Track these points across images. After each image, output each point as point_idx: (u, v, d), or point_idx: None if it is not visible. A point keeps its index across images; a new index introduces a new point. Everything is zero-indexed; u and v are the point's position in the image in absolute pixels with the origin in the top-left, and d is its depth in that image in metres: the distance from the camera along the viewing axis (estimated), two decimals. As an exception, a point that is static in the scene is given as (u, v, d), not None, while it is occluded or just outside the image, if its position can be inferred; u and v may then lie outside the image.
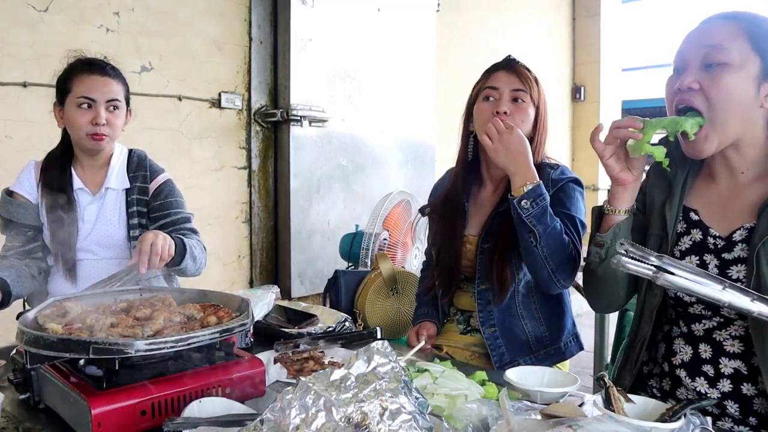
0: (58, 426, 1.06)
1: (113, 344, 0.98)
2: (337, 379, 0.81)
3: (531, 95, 1.64)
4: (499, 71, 1.67)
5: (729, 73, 1.14)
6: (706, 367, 1.23)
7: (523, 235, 1.50)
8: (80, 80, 1.76)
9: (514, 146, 1.50)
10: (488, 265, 1.65)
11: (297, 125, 3.35)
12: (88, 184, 1.86)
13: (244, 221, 3.40)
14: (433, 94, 4.17)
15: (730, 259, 1.20)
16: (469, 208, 1.76)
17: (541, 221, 1.47)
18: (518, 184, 1.49)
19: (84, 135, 1.77)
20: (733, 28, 1.15)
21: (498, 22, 5.20)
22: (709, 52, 1.15)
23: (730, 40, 1.14)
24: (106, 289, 1.45)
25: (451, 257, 1.72)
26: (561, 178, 1.64)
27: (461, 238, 1.72)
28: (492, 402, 1.03)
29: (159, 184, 1.92)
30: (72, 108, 1.76)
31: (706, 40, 1.17)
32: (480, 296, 1.67)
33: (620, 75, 6.79)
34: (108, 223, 1.85)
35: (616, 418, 0.95)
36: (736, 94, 1.14)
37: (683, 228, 1.29)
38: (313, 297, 3.45)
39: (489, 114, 1.62)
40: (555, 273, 1.50)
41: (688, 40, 1.21)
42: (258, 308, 1.65)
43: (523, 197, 1.47)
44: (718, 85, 1.14)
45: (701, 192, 1.30)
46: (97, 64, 1.79)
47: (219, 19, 3.21)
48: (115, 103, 1.78)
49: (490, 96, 1.65)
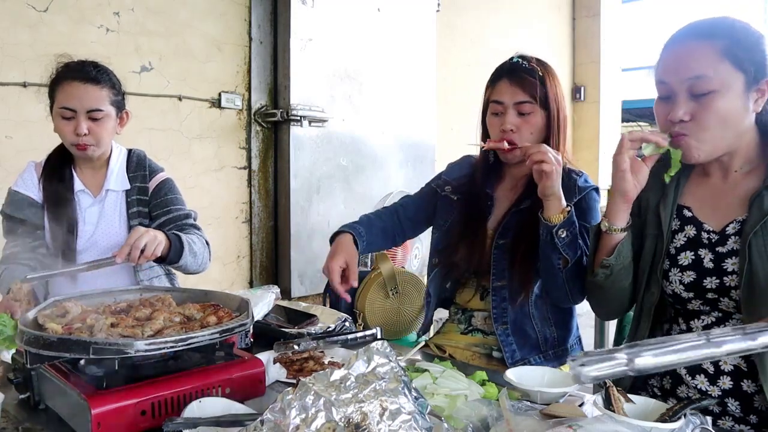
0: (58, 426, 1.06)
1: (113, 344, 0.98)
2: (337, 379, 0.81)
3: (539, 100, 1.60)
4: (502, 80, 1.63)
5: (718, 99, 1.15)
6: (706, 364, 1.24)
7: (551, 258, 1.51)
8: (62, 88, 1.73)
9: (561, 172, 1.46)
10: (506, 263, 1.63)
11: (297, 125, 3.35)
12: (88, 186, 1.86)
13: (244, 221, 3.40)
14: (433, 94, 4.17)
15: (724, 252, 1.22)
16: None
17: (573, 248, 1.49)
18: (556, 209, 1.47)
19: (69, 145, 1.77)
20: (713, 51, 1.15)
21: (498, 22, 5.19)
22: (695, 83, 1.16)
23: (712, 67, 1.15)
24: (81, 268, 1.63)
25: (470, 249, 1.68)
26: (586, 186, 1.64)
27: (483, 232, 1.69)
28: (492, 402, 1.03)
29: (158, 182, 1.91)
30: (57, 117, 1.75)
31: (688, 71, 1.17)
32: (495, 293, 1.65)
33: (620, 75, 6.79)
34: (109, 225, 1.84)
35: (616, 418, 0.95)
36: (728, 115, 1.16)
37: (677, 225, 1.31)
38: (313, 297, 3.45)
39: (497, 130, 1.62)
40: (571, 292, 1.54)
41: (668, 69, 1.21)
42: (258, 308, 1.64)
43: (560, 226, 1.47)
44: (709, 112, 1.16)
45: (694, 189, 1.32)
46: (79, 70, 1.74)
47: (219, 19, 3.21)
48: (96, 114, 1.73)
49: (496, 111, 1.64)
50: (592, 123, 6.39)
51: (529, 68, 1.63)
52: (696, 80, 1.16)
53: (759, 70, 1.16)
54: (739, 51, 1.15)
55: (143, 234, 1.60)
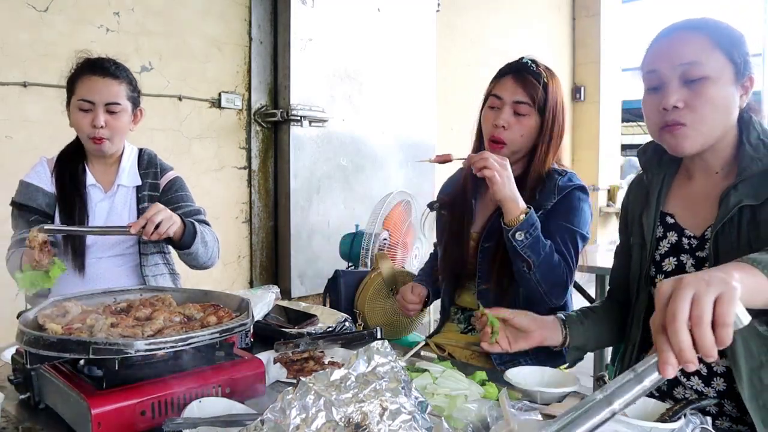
0: (58, 426, 1.06)
1: (113, 344, 0.98)
2: (337, 379, 0.81)
3: (536, 103, 1.61)
4: (506, 77, 1.65)
5: (711, 86, 1.16)
6: (699, 365, 1.24)
7: (516, 263, 1.52)
8: (81, 82, 1.77)
9: (510, 176, 1.49)
10: (489, 266, 1.65)
11: (297, 125, 3.35)
12: (100, 181, 1.89)
13: (244, 221, 3.40)
14: (433, 94, 4.17)
15: (703, 257, 1.23)
16: (476, 206, 1.76)
17: (535, 250, 1.48)
18: (513, 213, 1.48)
19: (85, 137, 1.81)
20: (705, 40, 1.17)
21: (498, 22, 5.20)
22: (688, 69, 1.17)
23: (706, 53, 1.16)
24: (94, 230, 1.78)
25: (456, 253, 1.74)
26: (567, 185, 1.63)
27: (467, 235, 1.73)
28: (492, 402, 1.03)
29: (169, 180, 1.96)
30: (74, 110, 1.79)
31: (681, 57, 1.18)
32: (481, 295, 1.68)
33: (620, 75, 6.80)
34: (119, 220, 1.86)
35: (616, 418, 0.95)
36: (720, 103, 1.17)
37: (661, 232, 1.32)
38: (313, 297, 3.45)
39: (490, 124, 1.64)
40: (547, 294, 1.54)
41: (659, 57, 1.22)
42: (258, 308, 1.64)
43: (517, 229, 1.47)
44: (702, 99, 1.17)
45: (677, 194, 1.34)
46: (99, 65, 1.79)
47: (219, 19, 3.21)
48: (114, 107, 1.78)
49: (493, 105, 1.65)
50: (592, 123, 6.39)
51: (536, 71, 1.64)
52: (689, 66, 1.16)
53: (744, 65, 1.18)
54: (728, 43, 1.17)
55: (161, 210, 1.64)
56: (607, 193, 6.78)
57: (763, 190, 1.14)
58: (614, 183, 6.86)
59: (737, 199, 1.16)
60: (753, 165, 1.17)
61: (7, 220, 1.85)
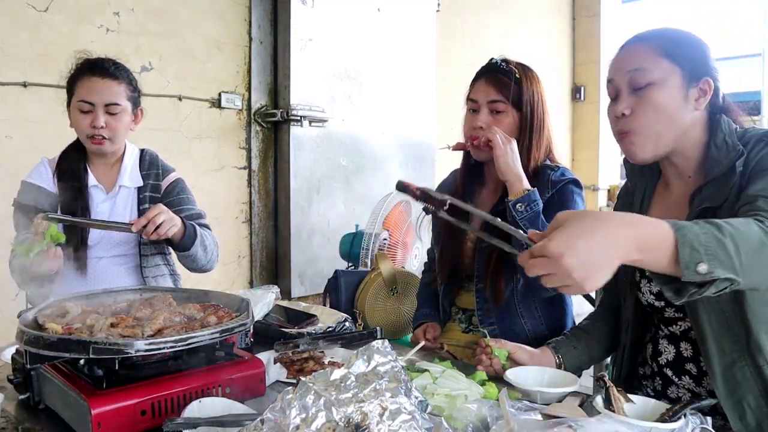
0: (58, 426, 1.06)
1: (113, 344, 0.98)
2: (337, 379, 0.81)
3: (512, 101, 1.64)
4: (479, 80, 1.70)
5: (654, 91, 1.20)
6: (689, 365, 1.27)
7: (516, 242, 1.51)
8: (81, 83, 1.78)
9: (516, 155, 1.55)
10: (486, 266, 1.65)
11: (297, 125, 3.35)
12: (101, 181, 1.89)
13: (244, 221, 3.40)
14: (433, 94, 4.17)
15: None
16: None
17: (534, 225, 1.50)
18: (517, 190, 1.54)
19: (85, 138, 1.81)
20: (649, 48, 1.22)
21: (498, 22, 5.19)
22: (634, 76, 1.21)
23: (649, 60, 1.21)
24: (96, 223, 1.77)
25: (454, 255, 1.74)
26: (560, 179, 1.64)
27: (463, 236, 1.74)
28: (492, 402, 1.03)
29: (171, 181, 1.96)
30: (74, 111, 1.79)
31: (628, 65, 1.23)
32: (478, 295, 1.68)
33: (620, 75, 6.78)
34: (120, 220, 1.86)
35: (616, 418, 0.95)
36: (665, 107, 1.20)
37: None
38: (313, 297, 3.45)
39: (469, 126, 1.70)
40: None
41: (614, 68, 1.27)
42: (258, 308, 1.65)
43: (518, 201, 1.52)
44: (646, 104, 1.20)
45: (658, 201, 1.36)
46: (99, 66, 1.79)
47: (219, 19, 3.21)
48: (114, 108, 1.78)
49: (471, 108, 1.71)
50: (592, 123, 6.39)
51: (507, 69, 1.67)
52: (635, 72, 1.21)
53: (697, 67, 1.20)
54: (675, 48, 1.21)
55: (163, 211, 1.66)
56: (607, 193, 6.78)
57: (723, 191, 1.16)
58: (614, 183, 6.86)
59: (699, 202, 1.19)
60: (715, 167, 1.19)
61: (6, 220, 1.85)
